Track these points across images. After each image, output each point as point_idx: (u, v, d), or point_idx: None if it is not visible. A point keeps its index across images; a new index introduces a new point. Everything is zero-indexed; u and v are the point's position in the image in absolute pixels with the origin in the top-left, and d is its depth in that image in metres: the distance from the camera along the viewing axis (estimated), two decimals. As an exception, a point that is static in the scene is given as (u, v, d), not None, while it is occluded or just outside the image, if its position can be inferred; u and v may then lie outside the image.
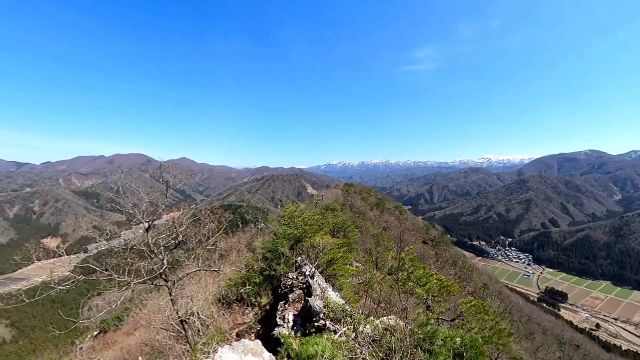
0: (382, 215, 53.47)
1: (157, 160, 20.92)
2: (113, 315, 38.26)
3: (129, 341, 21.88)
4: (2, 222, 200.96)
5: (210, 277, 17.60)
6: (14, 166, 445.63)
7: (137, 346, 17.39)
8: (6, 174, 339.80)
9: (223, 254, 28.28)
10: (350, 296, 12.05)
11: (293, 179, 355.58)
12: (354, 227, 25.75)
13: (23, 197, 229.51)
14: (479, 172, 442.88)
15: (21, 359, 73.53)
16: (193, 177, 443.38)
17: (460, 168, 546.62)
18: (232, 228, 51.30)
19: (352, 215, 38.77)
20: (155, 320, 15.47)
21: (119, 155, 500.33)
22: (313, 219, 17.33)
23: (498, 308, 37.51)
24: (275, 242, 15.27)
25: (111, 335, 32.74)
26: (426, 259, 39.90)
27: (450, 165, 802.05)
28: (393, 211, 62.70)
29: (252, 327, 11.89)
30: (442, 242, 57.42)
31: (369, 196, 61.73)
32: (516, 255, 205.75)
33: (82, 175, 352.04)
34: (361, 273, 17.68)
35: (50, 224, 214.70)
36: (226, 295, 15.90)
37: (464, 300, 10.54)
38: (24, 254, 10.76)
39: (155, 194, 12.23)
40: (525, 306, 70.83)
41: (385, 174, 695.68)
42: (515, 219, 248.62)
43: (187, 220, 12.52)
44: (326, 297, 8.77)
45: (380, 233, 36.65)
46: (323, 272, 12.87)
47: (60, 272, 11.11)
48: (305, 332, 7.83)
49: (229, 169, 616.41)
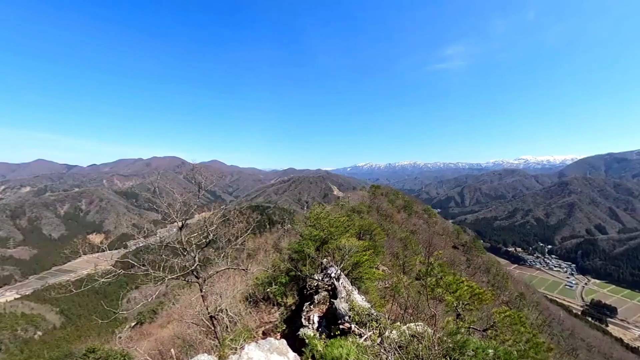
0: (409, 219, 52.14)
1: (190, 162, 21.94)
2: (149, 308, 40.43)
3: (163, 333, 23.02)
4: (55, 219, 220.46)
5: (238, 276, 18.12)
6: (65, 168, 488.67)
7: (170, 339, 18.27)
8: (58, 175, 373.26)
9: (251, 253, 29.02)
10: (376, 300, 11.86)
11: (319, 180, 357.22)
12: (380, 230, 25.34)
13: (72, 197, 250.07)
14: (515, 173, 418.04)
15: (68, 343, 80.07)
16: (223, 178, 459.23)
17: (494, 170, 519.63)
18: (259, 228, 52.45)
19: (378, 218, 38.19)
20: (186, 315, 16.20)
21: (155, 158, 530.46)
22: (339, 220, 17.28)
23: (536, 320, 35.06)
24: (301, 243, 15.39)
25: (147, 327, 34.64)
26: (456, 265, 38.31)
27: (483, 166, 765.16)
28: (421, 214, 60.93)
29: (278, 327, 12.07)
30: (474, 248, 54.83)
31: (396, 198, 60.48)
32: (557, 264, 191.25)
33: (123, 176, 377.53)
34: (388, 277, 17.35)
35: (95, 222, 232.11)
36: (253, 293, 16.28)
37: (498, 310, 9.97)
38: (72, 249, 11.76)
39: (188, 194, 12.82)
40: (568, 319, 65.61)
41: (413, 175, 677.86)
42: (556, 224, 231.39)
43: (218, 220, 12.98)
44: (352, 300, 8.70)
45: (407, 236, 35.74)
46: (349, 275, 12.79)
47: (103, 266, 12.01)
48: (330, 335, 7.82)
49: (257, 171, 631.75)
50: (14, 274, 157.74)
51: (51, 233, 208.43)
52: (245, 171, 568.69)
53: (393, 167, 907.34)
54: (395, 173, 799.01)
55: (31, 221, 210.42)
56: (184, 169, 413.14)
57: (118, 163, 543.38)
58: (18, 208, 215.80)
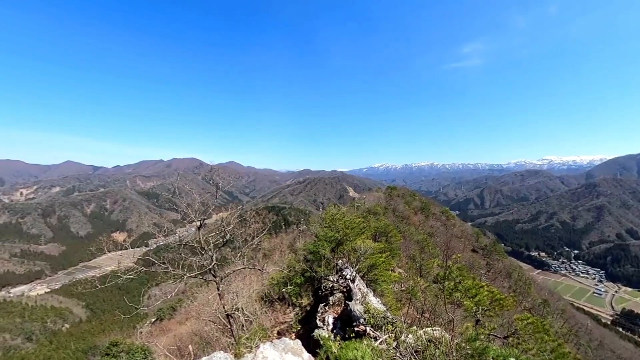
0: (427, 221, 51.12)
1: (208, 163, 22.44)
2: (168, 305, 41.59)
3: (181, 330, 23.60)
4: (82, 218, 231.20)
5: (254, 275, 18.36)
6: (92, 169, 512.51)
7: (188, 335, 18.71)
8: (85, 176, 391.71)
9: (267, 253, 29.33)
10: (392, 303, 11.70)
11: (334, 181, 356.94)
12: (396, 232, 24.99)
13: (98, 197, 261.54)
14: (539, 174, 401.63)
15: (93, 336, 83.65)
16: (240, 179, 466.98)
17: (516, 170, 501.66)
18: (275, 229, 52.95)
19: (394, 220, 37.68)
20: (204, 313, 16.57)
21: (175, 160, 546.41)
22: (354, 222, 17.17)
23: (561, 328, 33.46)
24: (317, 244, 15.41)
25: (166, 323, 35.64)
26: (476, 269, 37.21)
27: (504, 167, 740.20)
28: (439, 216, 59.62)
29: (293, 327, 12.11)
30: (495, 252, 53.07)
31: (413, 200, 59.47)
32: (584, 270, 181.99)
33: (145, 177, 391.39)
34: (404, 280, 17.08)
35: (118, 220, 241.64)
36: (269, 293, 16.44)
37: (520, 317, 9.58)
38: (98, 246, 12.29)
39: (206, 195, 13.13)
40: (596, 329, 62.28)
41: (431, 177, 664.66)
42: (583, 228, 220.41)
43: (234, 220, 13.20)
44: (367, 303, 8.61)
45: (424, 239, 35.07)
46: (364, 277, 12.68)
47: (126, 263, 12.47)
48: (345, 336, 7.77)
49: (273, 172, 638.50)
50: (45, 269, 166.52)
51: (78, 231, 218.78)
52: (261, 172, 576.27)
53: (409, 168, 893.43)
54: (411, 174, 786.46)
55: (60, 219, 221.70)
56: (202, 170, 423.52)
57: (140, 164, 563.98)
58: (49, 207, 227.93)
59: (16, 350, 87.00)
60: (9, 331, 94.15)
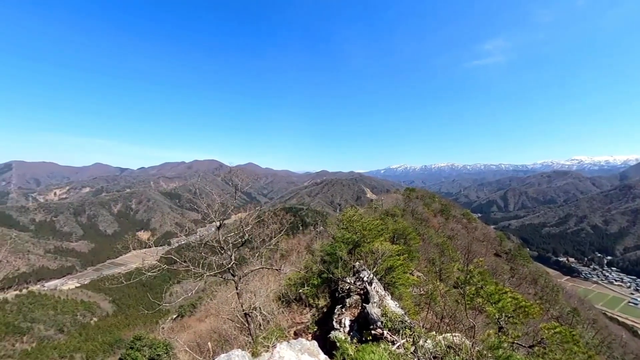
0: (447, 223, 49.85)
1: (227, 165, 22.96)
2: (189, 302, 42.77)
3: (201, 327, 24.19)
4: (109, 217, 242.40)
5: (271, 275, 18.55)
6: (119, 171, 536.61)
7: (207, 332, 19.16)
8: (113, 177, 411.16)
9: (284, 254, 29.58)
10: (410, 307, 11.48)
11: (352, 183, 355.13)
12: (415, 235, 24.54)
13: (124, 197, 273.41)
14: (567, 175, 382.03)
15: (119, 330, 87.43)
16: (258, 180, 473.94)
17: (543, 171, 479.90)
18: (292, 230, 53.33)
19: (413, 222, 36.99)
20: (223, 311, 16.91)
21: (196, 161, 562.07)
22: (372, 224, 17.01)
23: (592, 339, 31.60)
24: (334, 246, 15.38)
25: (187, 319, 36.67)
26: (499, 274, 35.88)
27: (529, 168, 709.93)
28: (460, 219, 57.99)
29: (309, 328, 12.13)
30: (519, 256, 50.93)
31: (433, 202, 58.19)
32: (618, 277, 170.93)
33: (167, 178, 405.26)
34: (423, 284, 16.72)
35: (143, 220, 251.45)
36: (286, 294, 16.55)
37: (547, 326, 9.13)
38: (124, 244, 12.87)
39: (225, 196, 13.44)
40: (632, 341, 58.28)
41: (451, 178, 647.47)
42: (617, 233, 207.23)
43: (253, 221, 13.41)
44: (384, 306, 8.50)
45: (444, 242, 34.19)
46: (381, 280, 12.53)
47: (149, 261, 12.95)
48: (362, 339, 7.70)
49: (291, 174, 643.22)
50: (75, 265, 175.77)
51: (106, 229, 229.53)
52: (279, 173, 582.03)
53: (429, 169, 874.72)
54: (431, 175, 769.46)
55: (90, 218, 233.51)
56: (222, 172, 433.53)
57: (163, 166, 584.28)
58: (79, 207, 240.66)
59: (49, 340, 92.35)
60: (43, 322, 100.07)
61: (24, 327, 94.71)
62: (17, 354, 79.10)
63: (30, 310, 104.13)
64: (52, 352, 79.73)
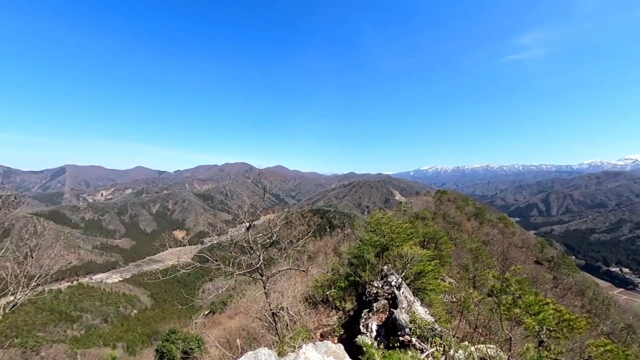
0: (481, 228, 47.43)
1: (257, 168, 23.58)
2: (220, 299, 44.30)
3: (231, 324, 24.93)
4: (148, 217, 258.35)
5: (299, 276, 18.72)
6: (157, 174, 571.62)
7: (236, 329, 19.70)
8: (152, 180, 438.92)
9: (311, 255, 29.75)
10: (441, 314, 11.04)
11: (380, 185, 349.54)
12: (447, 239, 23.60)
13: (162, 198, 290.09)
14: (620, 177, 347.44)
15: (156, 323, 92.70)
16: (286, 183, 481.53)
17: (590, 172, 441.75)
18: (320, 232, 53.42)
19: (445, 226, 35.62)
20: (251, 309, 17.32)
21: (228, 164, 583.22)
22: (401, 227, 16.60)
23: (652, 359, 28.39)
24: (361, 249, 15.21)
25: (217, 316, 37.98)
26: (540, 283, 33.48)
27: (574, 169, 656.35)
28: (496, 223, 54.93)
29: (336, 331, 12.07)
30: (564, 265, 47.16)
31: (466, 205, 55.70)
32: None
33: (201, 181, 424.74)
34: (455, 291, 16.02)
35: (178, 220, 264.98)
36: (313, 295, 16.61)
37: (596, 342, 8.34)
38: (161, 242, 13.66)
39: (255, 197, 13.80)
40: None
41: (486, 180, 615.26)
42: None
43: (281, 222, 13.65)
44: (413, 312, 8.25)
45: (479, 247, 32.54)
46: (410, 285, 12.18)
47: (184, 259, 13.62)
48: (389, 345, 7.52)
49: (318, 175, 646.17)
50: (119, 260, 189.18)
51: (146, 228, 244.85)
52: (306, 175, 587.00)
53: (462, 170, 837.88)
54: (464, 177, 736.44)
55: (132, 217, 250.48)
56: (251, 174, 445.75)
57: (197, 169, 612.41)
58: (122, 207, 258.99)
59: (95, 329, 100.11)
60: (90, 312, 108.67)
61: (75, 316, 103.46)
62: (68, 339, 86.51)
63: (80, 300, 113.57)
64: (97, 340, 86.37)
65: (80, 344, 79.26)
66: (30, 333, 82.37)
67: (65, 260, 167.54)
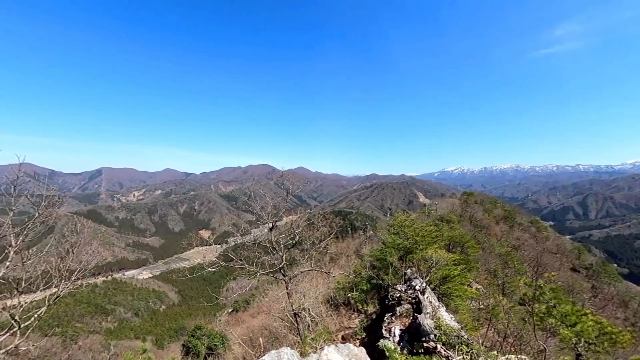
0: (511, 232, 45.24)
1: (279, 169, 23.93)
2: (243, 298, 45.31)
3: (253, 322, 25.36)
4: (176, 216, 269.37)
5: (320, 278, 18.75)
6: (184, 176, 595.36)
7: (259, 328, 20.02)
8: (180, 181, 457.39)
9: (333, 257, 29.70)
10: (468, 322, 10.64)
11: (403, 186, 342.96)
12: (474, 243, 22.71)
13: (189, 199, 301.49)
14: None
15: (182, 319, 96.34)
16: (308, 184, 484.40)
17: (635, 173, 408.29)
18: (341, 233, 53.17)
19: (471, 229, 34.31)
20: (273, 309, 17.56)
21: (251, 166, 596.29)
22: (425, 230, 16.20)
23: None
24: (384, 251, 14.99)
25: (241, 314, 38.80)
26: (576, 293, 31.33)
27: (616, 169, 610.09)
28: (527, 227, 52.19)
29: (357, 334, 11.96)
30: (604, 273, 43.90)
31: (494, 207, 53.37)
32: None
33: (225, 182, 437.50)
34: (482, 297, 15.39)
35: (204, 220, 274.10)
36: (334, 297, 16.57)
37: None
38: (188, 241, 14.16)
39: (277, 198, 13.99)
40: None
41: (516, 181, 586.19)
42: None
43: (303, 223, 13.74)
44: (438, 318, 8.01)
45: (508, 252, 31.05)
46: (435, 290, 11.84)
47: (210, 257, 14.07)
48: (412, 351, 7.34)
49: (340, 177, 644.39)
50: (149, 257, 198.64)
51: (174, 227, 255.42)
52: (328, 177, 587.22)
53: (489, 171, 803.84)
54: (492, 178, 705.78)
55: (161, 217, 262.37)
56: (274, 176, 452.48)
57: (222, 170, 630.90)
58: (153, 207, 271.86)
59: (127, 322, 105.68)
60: (123, 306, 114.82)
61: (109, 309, 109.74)
62: (102, 330, 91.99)
63: (114, 294, 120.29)
64: (129, 332, 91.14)
65: (113, 335, 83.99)
66: (69, 323, 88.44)
67: (102, 256, 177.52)
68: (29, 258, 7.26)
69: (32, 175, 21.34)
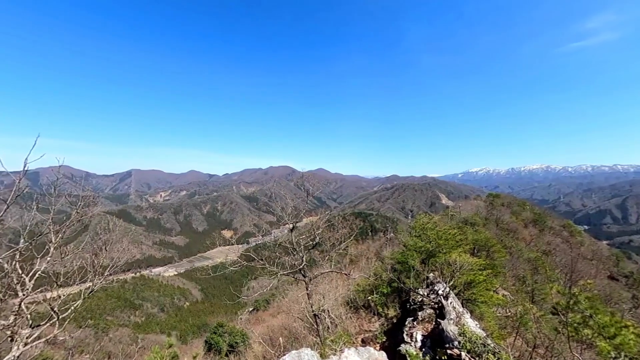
0: (541, 236, 42.99)
1: (299, 171, 24.12)
2: (263, 297, 45.86)
3: (273, 322, 25.63)
4: (200, 217, 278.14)
5: (340, 280, 18.67)
6: (208, 177, 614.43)
7: (279, 328, 20.21)
8: (203, 183, 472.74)
9: (353, 259, 29.51)
10: (494, 329, 10.22)
11: (425, 188, 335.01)
12: (500, 247, 21.82)
13: (212, 199, 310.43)
14: None
15: (205, 315, 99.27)
16: (328, 185, 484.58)
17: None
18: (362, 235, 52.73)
19: (498, 233, 32.94)
20: (293, 309, 17.66)
21: (272, 168, 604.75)
22: (449, 233, 15.73)
23: None
24: (405, 254, 14.70)
25: (261, 313, 39.32)
26: (615, 302, 29.21)
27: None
28: (559, 231, 49.39)
29: (378, 337, 11.79)
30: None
31: (522, 210, 50.97)
32: None
33: (247, 183, 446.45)
34: (510, 304, 14.71)
35: (227, 220, 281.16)
36: (354, 299, 16.43)
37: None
38: (211, 240, 14.57)
39: (298, 200, 14.10)
40: None
41: (547, 182, 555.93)
42: None
43: (323, 225, 13.75)
44: (462, 324, 7.75)
45: (538, 258, 29.49)
46: (459, 295, 11.47)
47: (232, 257, 14.40)
48: (435, 357, 7.14)
49: (360, 178, 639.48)
50: (174, 255, 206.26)
51: (198, 227, 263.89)
52: (348, 178, 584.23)
53: (517, 172, 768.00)
54: (520, 179, 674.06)
55: (186, 217, 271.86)
56: (294, 177, 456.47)
57: (244, 172, 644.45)
58: (178, 207, 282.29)
59: (154, 317, 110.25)
60: (150, 301, 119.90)
61: (137, 304, 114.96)
62: (131, 324, 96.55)
63: (142, 290, 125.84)
64: (155, 327, 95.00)
65: (141, 329, 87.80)
66: (101, 316, 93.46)
67: (131, 254, 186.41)
68: (67, 254, 7.76)
69: (70, 176, 22.79)
